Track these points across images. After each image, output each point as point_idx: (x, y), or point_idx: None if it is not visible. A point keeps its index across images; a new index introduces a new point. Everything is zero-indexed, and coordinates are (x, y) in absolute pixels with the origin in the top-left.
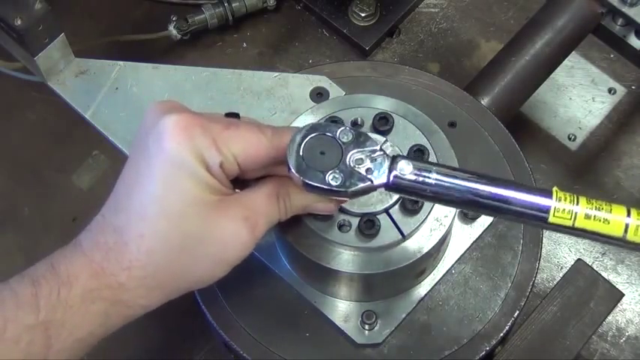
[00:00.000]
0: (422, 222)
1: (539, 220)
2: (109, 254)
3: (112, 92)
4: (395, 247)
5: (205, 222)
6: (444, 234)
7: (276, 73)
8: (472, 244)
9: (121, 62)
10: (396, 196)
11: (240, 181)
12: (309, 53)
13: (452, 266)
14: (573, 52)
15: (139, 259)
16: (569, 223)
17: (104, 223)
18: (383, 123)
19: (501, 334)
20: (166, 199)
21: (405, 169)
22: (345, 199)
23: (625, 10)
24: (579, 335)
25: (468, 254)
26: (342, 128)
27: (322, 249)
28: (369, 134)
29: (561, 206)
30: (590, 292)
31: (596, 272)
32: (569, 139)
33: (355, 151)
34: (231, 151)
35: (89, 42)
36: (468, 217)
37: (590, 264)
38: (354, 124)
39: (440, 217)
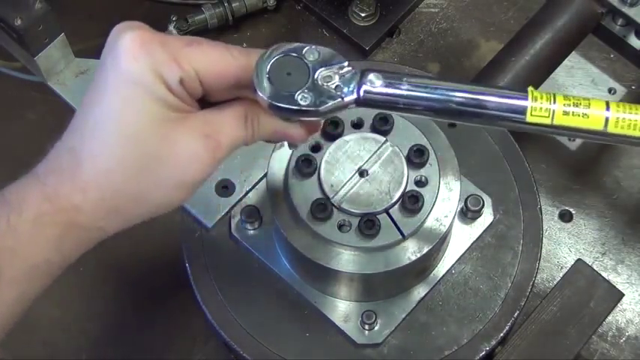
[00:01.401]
0: (422, 222)
1: (516, 121)
2: (62, 175)
3: None
4: (395, 247)
5: (163, 140)
6: (444, 234)
7: None
8: (472, 244)
9: None
10: (396, 197)
11: (208, 104)
12: None
13: (452, 266)
14: (573, 52)
15: (94, 180)
16: (547, 122)
17: (60, 145)
18: (383, 123)
19: (501, 334)
20: (122, 118)
21: (375, 82)
22: (316, 119)
23: (625, 10)
24: (579, 335)
25: (468, 254)
26: (308, 47)
27: (322, 249)
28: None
29: (538, 105)
30: (590, 292)
31: (596, 272)
32: (569, 139)
33: (323, 69)
34: (193, 66)
35: (89, 42)
36: (467, 217)
37: (590, 264)
38: (354, 124)
39: (440, 217)
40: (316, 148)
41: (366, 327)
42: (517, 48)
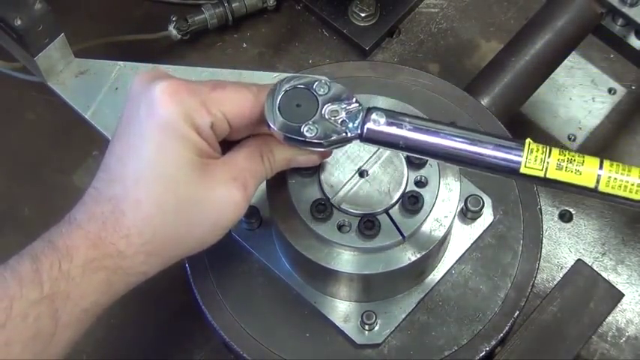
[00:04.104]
0: (422, 222)
1: (510, 171)
2: (106, 224)
3: (112, 92)
4: (395, 247)
5: (198, 185)
6: (444, 234)
7: (276, 73)
8: (472, 244)
9: (121, 62)
10: (396, 197)
11: (227, 144)
12: (309, 53)
13: (452, 266)
14: (573, 52)
15: (136, 226)
16: (540, 174)
17: (98, 194)
18: None
19: (501, 335)
20: (160, 164)
21: (379, 121)
22: (322, 150)
23: (625, 10)
24: (579, 335)
25: (468, 254)
26: (318, 81)
27: (322, 249)
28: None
29: (532, 157)
30: (590, 292)
31: (596, 272)
32: (569, 139)
33: (331, 103)
34: (221, 110)
35: (89, 42)
36: (467, 218)
37: (590, 264)
38: None
39: (440, 217)
40: None
41: (366, 327)
42: (517, 48)
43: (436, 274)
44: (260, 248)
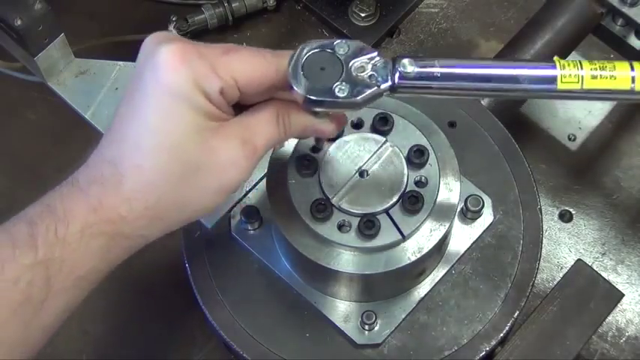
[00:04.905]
0: (422, 222)
1: (548, 90)
2: (105, 186)
3: (112, 92)
4: (395, 247)
5: (204, 149)
6: (444, 234)
7: None
8: (472, 244)
9: (121, 62)
10: (396, 197)
11: (240, 108)
12: None
13: (452, 266)
14: (573, 52)
15: (138, 191)
16: (577, 87)
17: (100, 155)
18: (383, 123)
19: (501, 335)
20: (164, 129)
21: (408, 67)
22: (354, 109)
23: (625, 10)
24: (579, 335)
25: (468, 254)
26: (337, 41)
27: (322, 249)
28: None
29: (567, 72)
30: (590, 292)
31: (596, 272)
32: (569, 139)
33: (355, 60)
34: (232, 74)
35: (89, 42)
36: (467, 218)
37: (590, 264)
38: (355, 124)
39: (440, 217)
40: (316, 148)
41: (366, 327)
42: (517, 48)
43: (436, 274)
44: (260, 248)
